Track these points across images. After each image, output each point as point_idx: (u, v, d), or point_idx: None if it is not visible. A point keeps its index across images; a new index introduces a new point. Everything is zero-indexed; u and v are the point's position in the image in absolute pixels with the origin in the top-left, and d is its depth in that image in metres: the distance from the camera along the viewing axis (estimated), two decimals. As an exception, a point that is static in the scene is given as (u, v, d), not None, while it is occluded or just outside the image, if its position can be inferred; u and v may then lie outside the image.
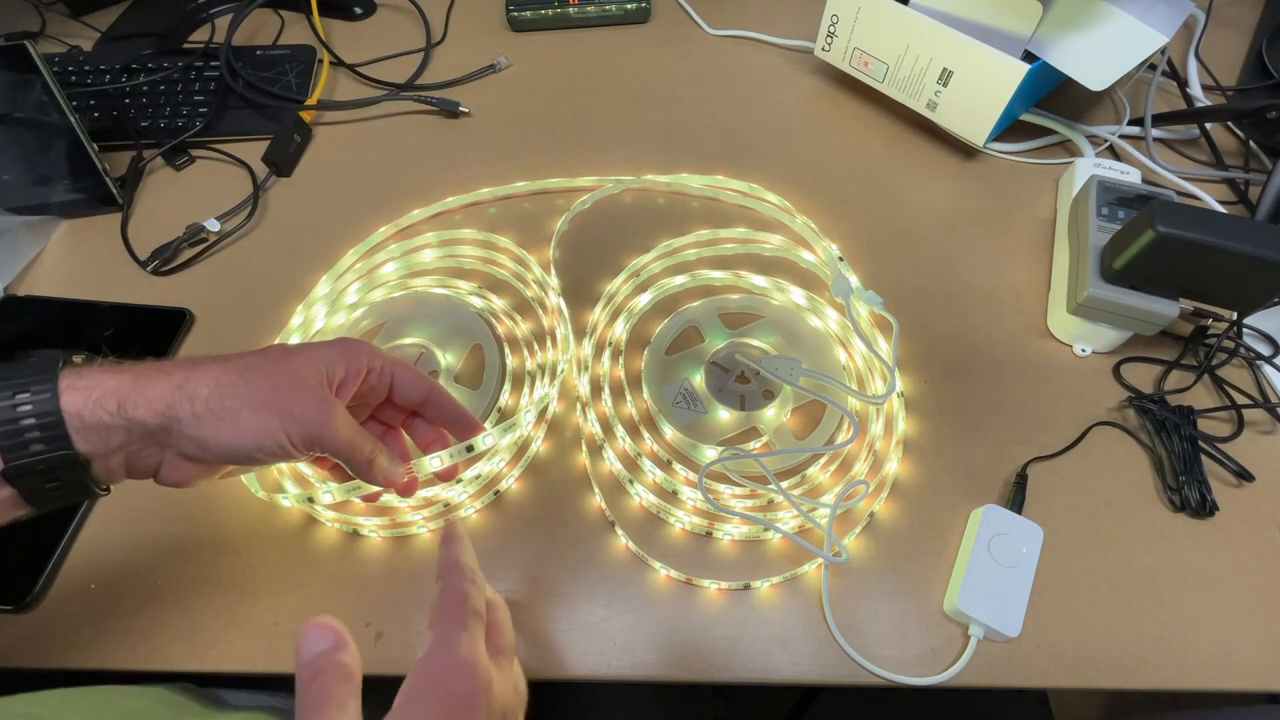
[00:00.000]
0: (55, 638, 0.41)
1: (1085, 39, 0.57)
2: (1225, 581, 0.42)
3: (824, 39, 0.65)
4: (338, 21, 0.77)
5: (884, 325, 0.52)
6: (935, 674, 0.39)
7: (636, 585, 0.43)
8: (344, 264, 0.56)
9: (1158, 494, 0.46)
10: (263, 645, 0.41)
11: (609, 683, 0.40)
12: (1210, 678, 0.39)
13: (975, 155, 0.63)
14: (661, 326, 0.52)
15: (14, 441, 0.29)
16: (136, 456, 0.32)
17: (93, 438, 0.31)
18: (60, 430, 0.30)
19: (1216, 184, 0.60)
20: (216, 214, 0.59)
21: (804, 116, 0.67)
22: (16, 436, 0.29)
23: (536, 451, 0.48)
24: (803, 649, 0.41)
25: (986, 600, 0.40)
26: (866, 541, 0.44)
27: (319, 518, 0.45)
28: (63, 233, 0.60)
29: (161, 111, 0.65)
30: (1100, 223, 0.50)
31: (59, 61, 0.68)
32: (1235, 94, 0.67)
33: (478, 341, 0.52)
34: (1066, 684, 0.39)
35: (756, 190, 0.60)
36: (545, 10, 0.73)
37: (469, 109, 0.67)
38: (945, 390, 0.50)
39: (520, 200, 0.61)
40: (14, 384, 0.30)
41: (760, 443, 0.48)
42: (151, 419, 0.31)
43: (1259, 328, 0.51)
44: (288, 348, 0.36)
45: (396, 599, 0.42)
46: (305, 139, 0.65)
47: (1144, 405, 0.48)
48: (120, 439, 0.31)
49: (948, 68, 0.58)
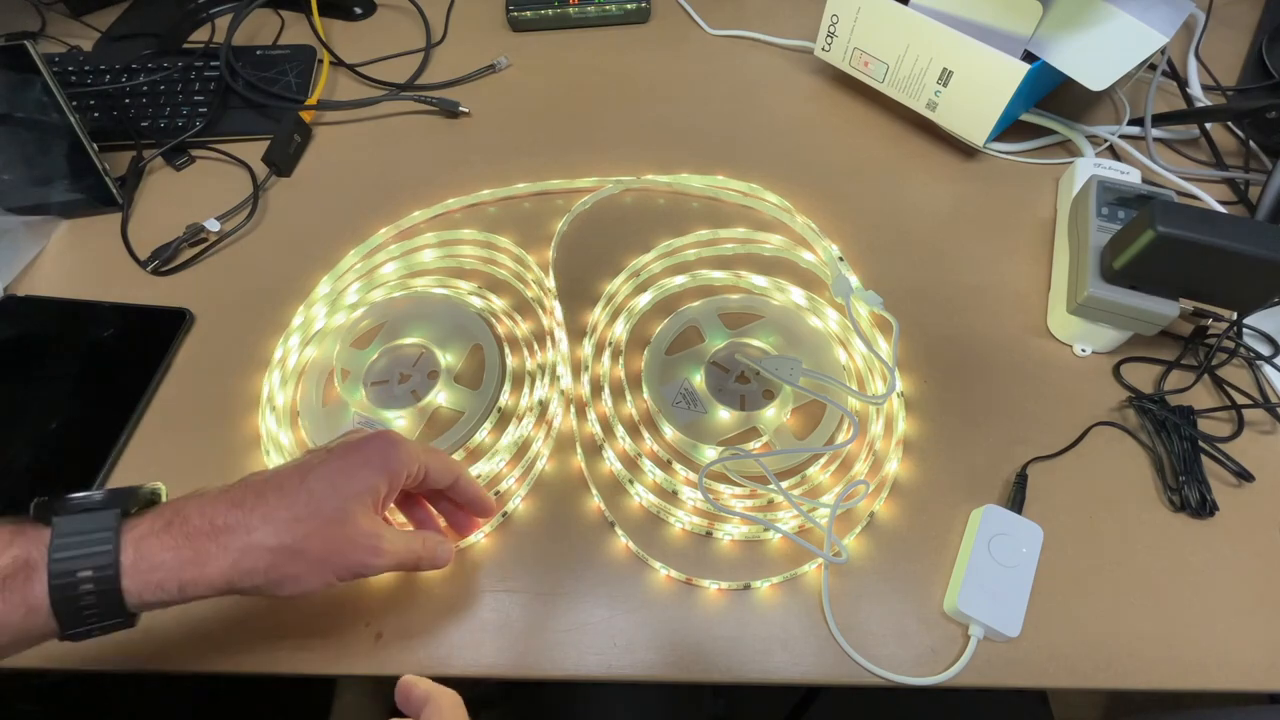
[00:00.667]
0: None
1: (1085, 39, 0.57)
2: (1225, 581, 0.42)
3: (824, 39, 0.65)
4: (338, 21, 0.77)
5: (884, 325, 0.52)
6: (935, 674, 0.39)
7: (636, 585, 0.43)
8: (344, 264, 0.56)
9: (1158, 494, 0.46)
10: (263, 645, 0.41)
11: (609, 683, 0.40)
12: (1210, 678, 0.39)
13: (975, 155, 0.63)
14: (661, 326, 0.52)
15: (71, 610, 0.30)
16: None
17: (148, 605, 0.32)
18: (119, 607, 0.31)
19: (1216, 184, 0.60)
20: (216, 214, 0.59)
21: (804, 116, 0.67)
22: (73, 606, 0.30)
23: (542, 470, 0.47)
24: (803, 649, 0.41)
25: (986, 600, 0.40)
26: (866, 541, 0.44)
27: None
28: (63, 233, 0.60)
29: (161, 111, 0.65)
30: (1100, 223, 0.50)
31: (59, 61, 0.68)
32: (1235, 94, 0.67)
33: (478, 341, 0.52)
34: (1066, 684, 0.39)
35: (756, 190, 0.59)
36: (545, 10, 0.73)
37: (469, 109, 0.67)
38: (945, 390, 0.50)
39: (520, 200, 0.61)
40: (76, 557, 0.30)
41: (760, 443, 0.48)
42: (211, 594, 0.33)
43: (1259, 328, 0.51)
44: (334, 477, 0.35)
45: (397, 600, 0.42)
46: (305, 139, 0.65)
47: (1144, 405, 0.48)
48: (176, 605, 0.33)
49: (948, 68, 0.58)
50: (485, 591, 0.43)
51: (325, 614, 0.42)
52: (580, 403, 0.50)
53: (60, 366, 0.52)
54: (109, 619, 0.31)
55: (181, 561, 0.32)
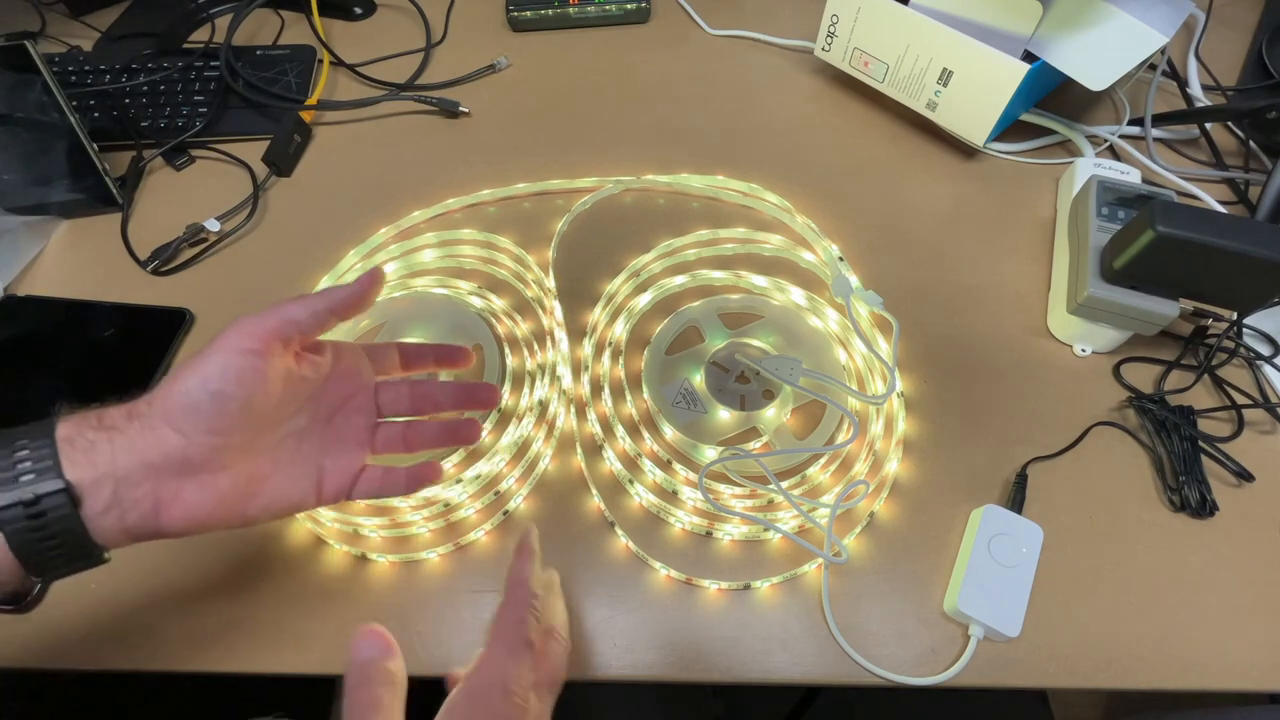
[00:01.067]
0: (55, 638, 0.41)
1: (1085, 39, 0.57)
2: (1225, 581, 0.42)
3: (824, 39, 0.65)
4: (338, 21, 0.77)
5: (884, 325, 0.52)
6: (935, 674, 0.39)
7: (636, 585, 0.43)
8: (344, 264, 0.56)
9: (1158, 494, 0.46)
10: (263, 646, 0.41)
11: (609, 683, 0.40)
12: (1210, 678, 0.39)
13: (975, 155, 0.63)
14: (661, 326, 0.52)
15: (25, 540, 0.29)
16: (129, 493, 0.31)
17: (91, 487, 0.30)
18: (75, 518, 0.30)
19: (1216, 184, 0.60)
20: (216, 214, 0.59)
21: (804, 116, 0.67)
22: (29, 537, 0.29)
23: (545, 470, 0.47)
24: (803, 649, 0.41)
25: (986, 600, 0.40)
26: (866, 541, 0.44)
27: (320, 518, 0.45)
28: (63, 233, 0.60)
29: (161, 111, 0.65)
30: (1100, 223, 0.50)
31: (59, 61, 0.68)
32: (1235, 94, 0.67)
33: (478, 341, 0.52)
34: (1066, 684, 0.39)
35: (756, 190, 0.59)
36: (545, 10, 0.73)
37: (469, 109, 0.67)
38: (945, 390, 0.50)
39: (520, 200, 0.61)
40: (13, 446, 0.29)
41: (760, 443, 0.48)
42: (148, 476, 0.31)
43: (1259, 328, 0.51)
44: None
45: (397, 600, 0.42)
46: (305, 139, 0.65)
47: (1144, 405, 0.48)
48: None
49: (948, 68, 0.58)
50: (485, 591, 0.43)
51: (325, 614, 0.42)
52: (580, 403, 0.50)
53: (60, 366, 0.52)
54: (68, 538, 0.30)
55: (114, 447, 0.30)
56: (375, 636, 0.32)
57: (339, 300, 0.36)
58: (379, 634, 0.32)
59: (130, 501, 0.31)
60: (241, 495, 0.33)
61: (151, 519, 0.31)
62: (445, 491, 0.45)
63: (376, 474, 0.38)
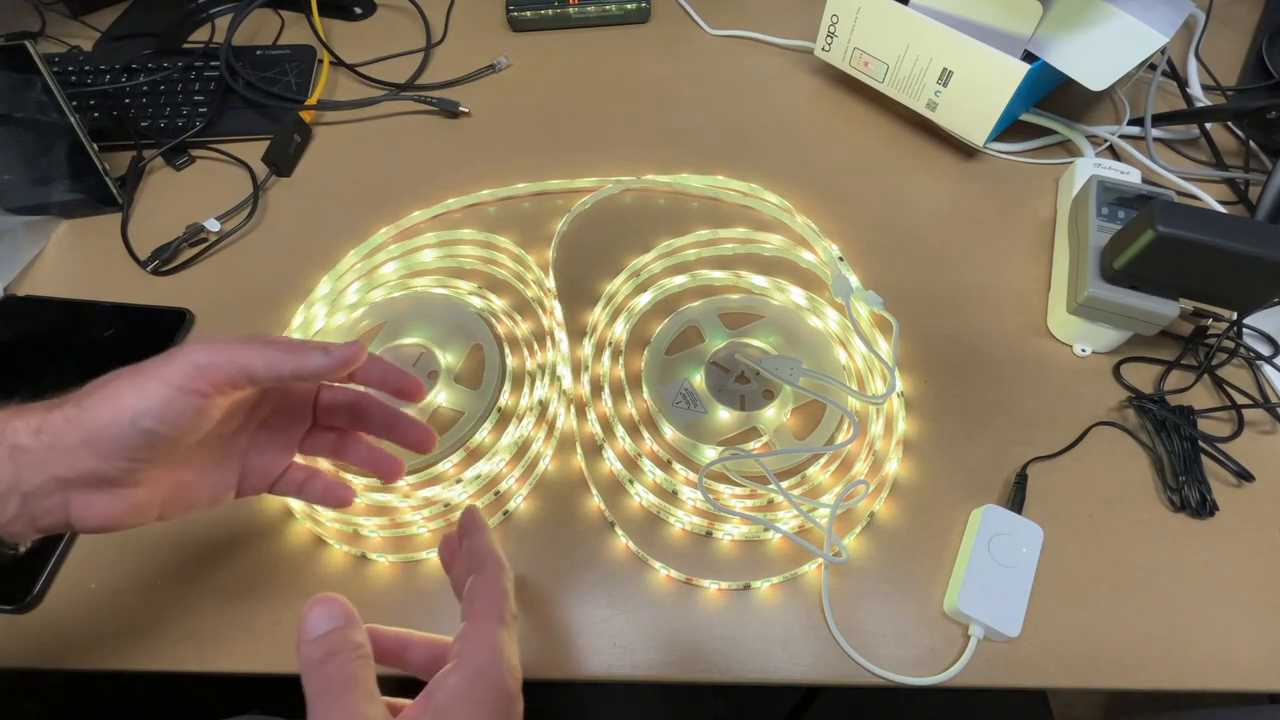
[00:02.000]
0: (55, 638, 0.41)
1: (1085, 39, 0.57)
2: (1225, 581, 0.42)
3: (824, 39, 0.65)
4: (338, 21, 0.77)
5: (884, 325, 0.52)
6: (935, 674, 0.40)
7: (636, 585, 0.43)
8: (344, 264, 0.56)
9: (1158, 494, 0.46)
10: (263, 645, 0.41)
11: (609, 683, 0.40)
12: (1210, 678, 0.39)
13: (975, 155, 0.63)
14: (661, 326, 0.52)
15: None
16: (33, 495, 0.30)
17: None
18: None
19: (1216, 184, 0.60)
20: (216, 214, 0.59)
21: (804, 116, 0.67)
22: None
23: (545, 469, 0.47)
24: (803, 649, 0.41)
25: (986, 600, 0.40)
26: (866, 541, 0.44)
27: (319, 518, 0.45)
28: (63, 233, 0.60)
29: (161, 111, 0.65)
30: (1100, 223, 0.50)
31: (59, 61, 0.68)
32: (1235, 94, 0.67)
33: (478, 341, 0.52)
34: (1066, 684, 0.39)
35: (756, 190, 0.59)
36: (545, 10, 0.73)
37: (469, 109, 0.67)
38: (945, 390, 0.50)
39: (520, 200, 0.61)
40: None
41: (760, 443, 0.48)
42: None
43: (1259, 328, 0.51)
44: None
45: (397, 600, 0.42)
46: (305, 139, 0.65)
47: (1144, 405, 0.48)
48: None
49: (948, 68, 0.58)
50: (485, 591, 0.43)
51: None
52: (580, 403, 0.50)
53: (60, 366, 0.52)
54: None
55: (18, 465, 0.29)
56: (332, 604, 0.28)
57: (307, 369, 0.32)
58: (337, 601, 0.29)
59: (40, 510, 0.30)
60: (159, 502, 0.32)
61: (63, 524, 0.31)
62: (446, 491, 0.46)
63: (299, 476, 0.37)
